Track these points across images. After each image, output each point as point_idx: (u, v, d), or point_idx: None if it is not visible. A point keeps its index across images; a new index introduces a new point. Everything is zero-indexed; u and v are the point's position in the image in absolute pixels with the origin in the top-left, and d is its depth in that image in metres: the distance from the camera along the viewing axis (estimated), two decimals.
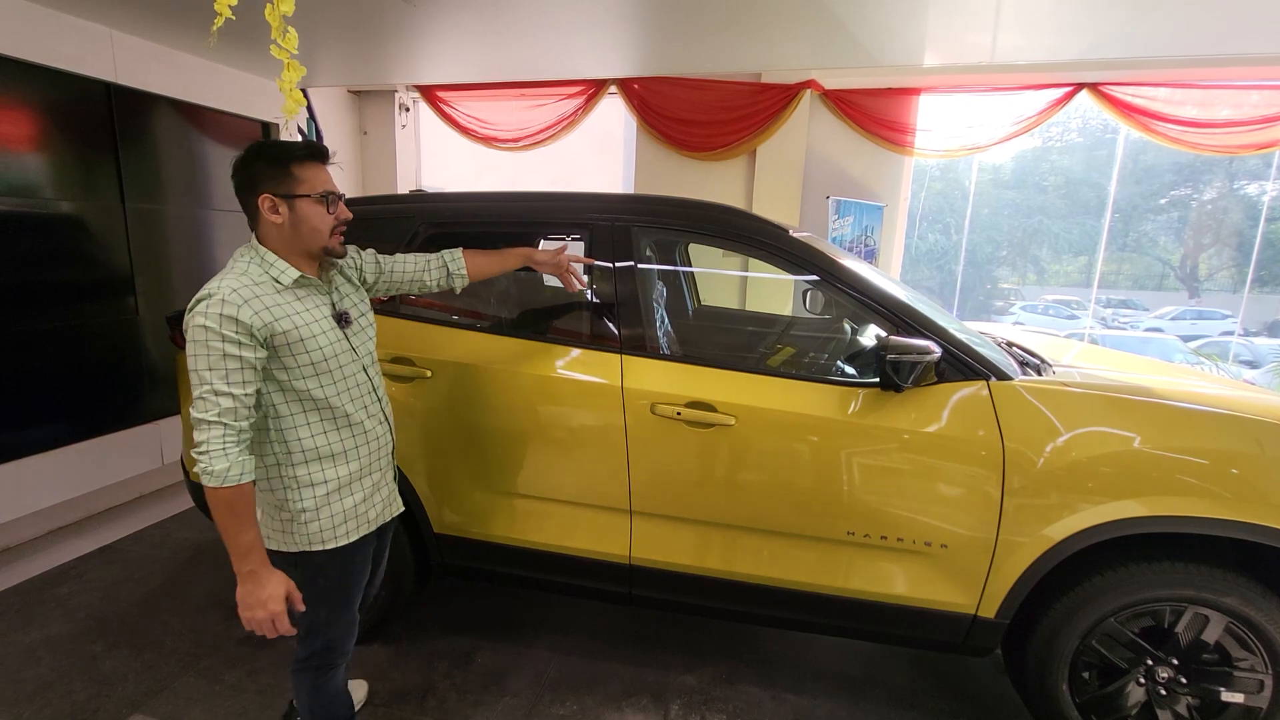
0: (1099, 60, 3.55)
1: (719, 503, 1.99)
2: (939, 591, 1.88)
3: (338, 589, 1.59)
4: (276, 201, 1.38)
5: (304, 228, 1.42)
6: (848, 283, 1.97)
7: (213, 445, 1.28)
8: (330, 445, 1.49)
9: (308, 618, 1.53)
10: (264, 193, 1.38)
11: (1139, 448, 1.73)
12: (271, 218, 1.39)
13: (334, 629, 1.61)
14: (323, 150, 1.46)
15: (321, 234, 1.45)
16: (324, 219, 1.45)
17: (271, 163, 1.39)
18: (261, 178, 1.38)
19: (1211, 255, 13.92)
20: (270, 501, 1.49)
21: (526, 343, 2.14)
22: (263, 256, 1.41)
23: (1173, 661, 1.80)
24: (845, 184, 4.67)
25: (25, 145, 2.99)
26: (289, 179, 1.39)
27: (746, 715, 2.12)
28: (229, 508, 1.31)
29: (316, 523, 1.49)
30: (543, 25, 3.19)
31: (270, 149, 1.42)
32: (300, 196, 1.40)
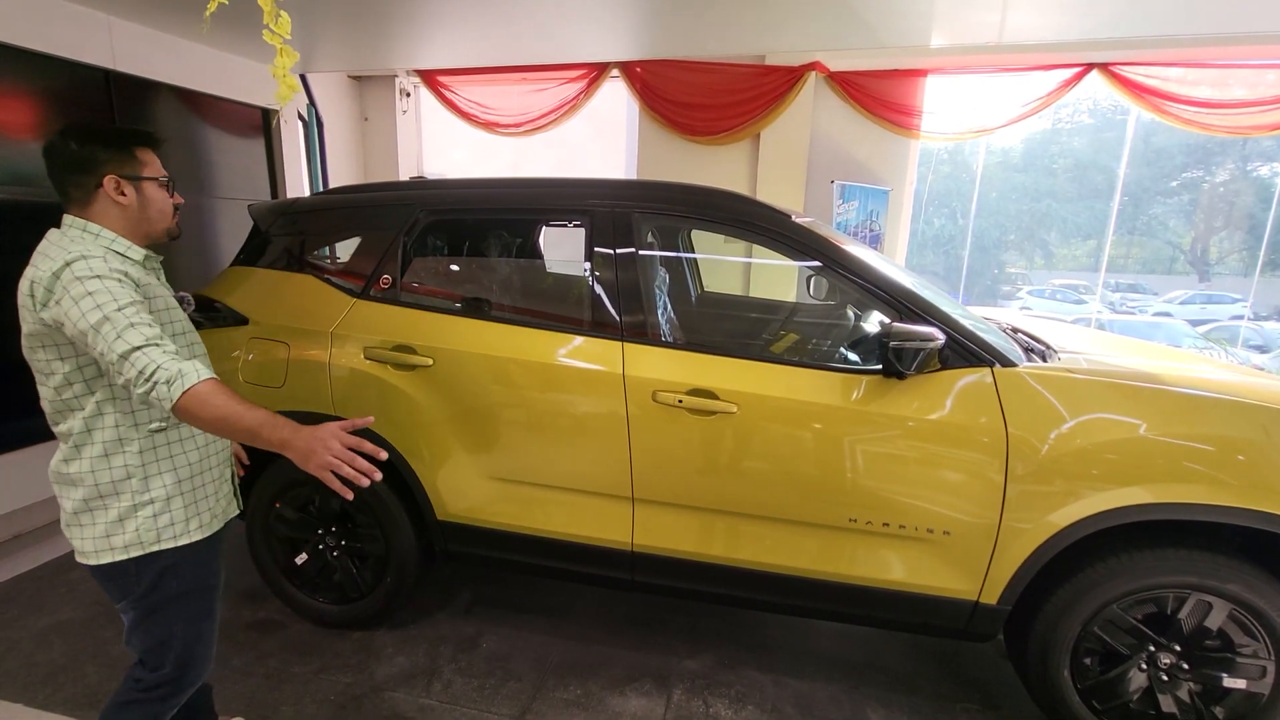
0: (1109, 40, 3.48)
1: (721, 490, 1.99)
2: (941, 578, 1.88)
3: (195, 594, 1.45)
4: (123, 183, 1.35)
5: (151, 210, 1.40)
6: (850, 269, 1.96)
7: (161, 359, 1.20)
8: (177, 430, 1.40)
9: (156, 634, 1.41)
10: (109, 173, 1.33)
11: (1144, 434, 1.72)
12: (118, 199, 1.34)
13: (190, 645, 1.46)
14: (156, 137, 1.44)
15: (167, 215, 1.44)
16: (167, 201, 1.44)
17: (112, 145, 1.34)
18: (102, 159, 1.33)
19: (1223, 238, 13.77)
20: (101, 500, 1.34)
21: (529, 330, 2.13)
22: (98, 234, 1.34)
23: (1175, 647, 1.80)
24: (850, 168, 4.62)
25: (25, 133, 2.98)
26: (133, 161, 1.37)
27: (749, 699, 2.14)
28: (222, 396, 1.21)
29: (167, 514, 1.38)
30: (545, 7, 3.15)
31: (108, 132, 1.38)
32: (147, 179, 1.38)
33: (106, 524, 1.33)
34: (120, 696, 1.46)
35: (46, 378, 1.32)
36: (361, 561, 2.36)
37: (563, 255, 2.90)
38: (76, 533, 1.36)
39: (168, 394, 1.17)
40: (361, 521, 2.32)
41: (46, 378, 1.32)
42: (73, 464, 1.33)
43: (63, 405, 1.33)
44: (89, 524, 1.34)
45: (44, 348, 1.30)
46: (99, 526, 1.34)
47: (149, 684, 1.44)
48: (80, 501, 1.33)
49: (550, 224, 2.30)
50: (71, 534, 1.38)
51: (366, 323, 2.22)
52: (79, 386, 1.31)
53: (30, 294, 1.25)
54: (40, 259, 1.27)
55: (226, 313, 2.39)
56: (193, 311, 2.42)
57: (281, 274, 2.40)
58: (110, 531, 1.33)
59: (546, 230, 2.94)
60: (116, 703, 1.46)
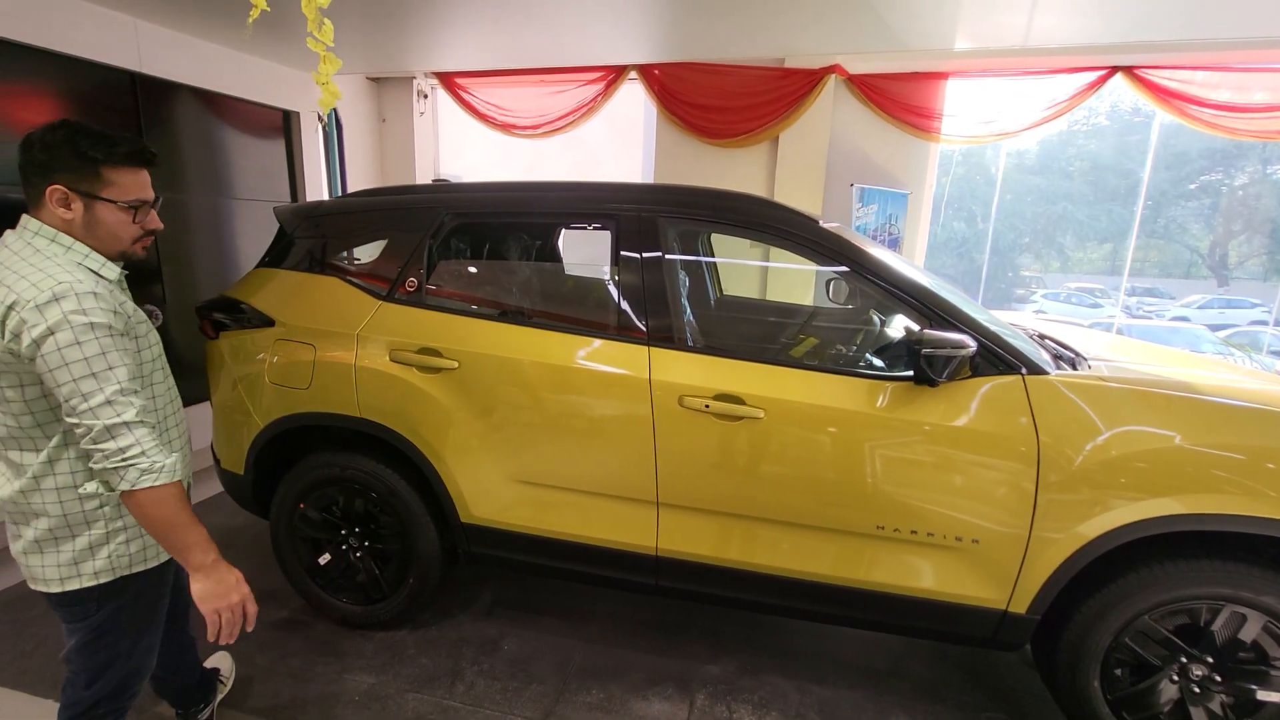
0: (1134, 43, 3.44)
1: (747, 495, 1.98)
2: (970, 586, 1.86)
3: (150, 612, 1.45)
4: (72, 197, 1.21)
5: (101, 230, 1.26)
6: (879, 274, 1.94)
7: (147, 443, 1.17)
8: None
9: (103, 655, 1.38)
10: (58, 182, 1.20)
11: (1179, 444, 1.70)
12: (59, 212, 1.22)
13: (139, 659, 1.46)
14: (147, 153, 1.30)
15: (121, 241, 1.30)
16: (127, 228, 1.29)
17: (79, 154, 1.20)
18: (59, 165, 1.20)
19: (1242, 242, 13.59)
20: (68, 529, 1.29)
21: (554, 334, 2.13)
22: (69, 248, 1.24)
23: (1207, 659, 1.78)
24: (869, 171, 4.59)
25: None
26: (95, 178, 1.23)
27: (772, 705, 2.13)
28: (180, 503, 1.21)
29: (140, 540, 1.36)
30: (564, 10, 3.16)
31: (84, 139, 1.21)
32: (104, 200, 1.24)
33: (74, 552, 1.29)
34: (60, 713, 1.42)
35: (3, 403, 1.22)
36: (384, 563, 2.37)
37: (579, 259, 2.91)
38: (36, 560, 1.30)
39: (135, 480, 1.15)
40: (385, 523, 2.33)
41: (3, 403, 1.22)
42: (33, 496, 1.26)
43: (21, 434, 1.24)
44: (52, 552, 1.29)
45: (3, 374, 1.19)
46: (64, 554, 1.29)
47: (88, 702, 1.40)
48: (45, 531, 1.28)
49: (576, 228, 2.30)
50: (30, 561, 1.31)
51: (392, 325, 2.23)
52: (42, 414, 1.23)
53: (2, 319, 1.14)
54: (13, 278, 1.15)
55: (252, 314, 2.41)
56: (213, 309, 2.45)
57: (307, 276, 2.41)
58: (79, 559, 1.30)
59: (568, 234, 2.95)
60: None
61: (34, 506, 1.27)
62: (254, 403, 2.35)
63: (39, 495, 1.26)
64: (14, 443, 1.25)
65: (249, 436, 2.36)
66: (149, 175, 1.32)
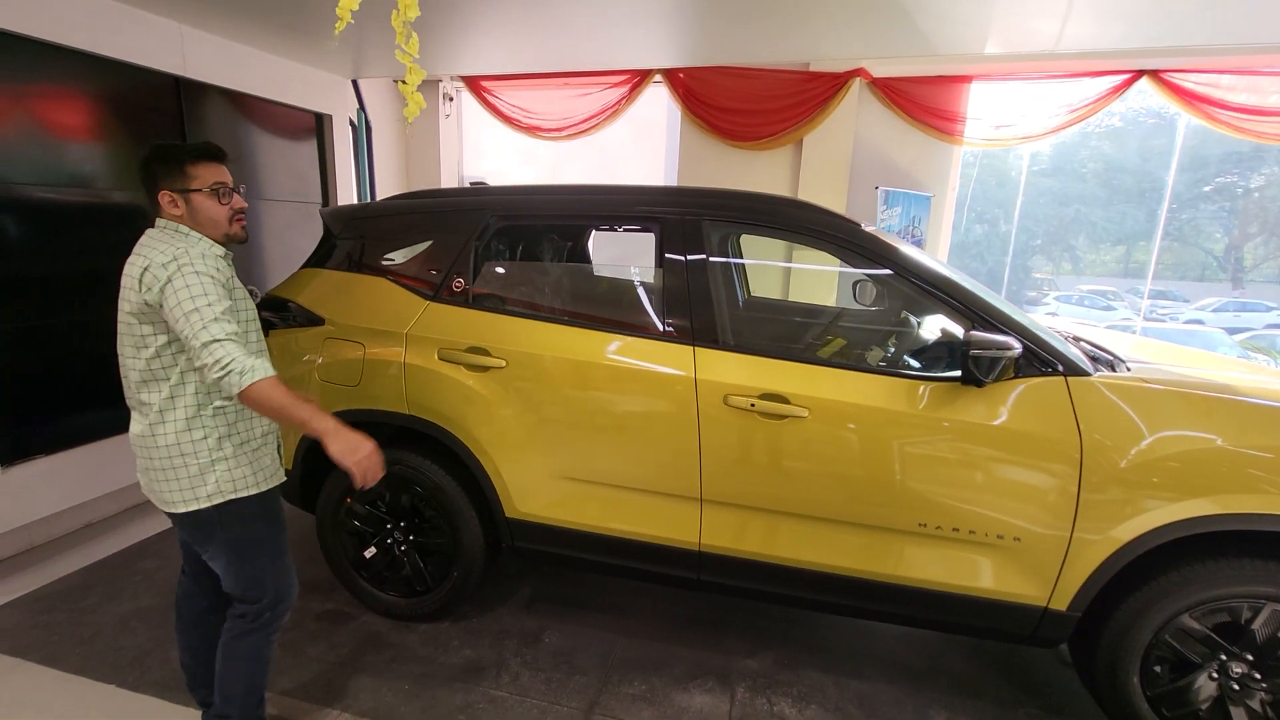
0: (1162, 47, 3.46)
1: (789, 493, 2.02)
2: (1011, 583, 1.90)
3: (268, 537, 1.69)
4: (174, 196, 1.55)
5: (201, 216, 1.57)
6: (923, 277, 1.98)
7: (237, 353, 1.41)
8: (238, 405, 1.62)
9: (247, 570, 1.65)
10: (163, 189, 1.54)
11: (1220, 446, 1.73)
12: (171, 210, 1.55)
13: (278, 577, 1.72)
14: (216, 151, 1.60)
15: (220, 222, 1.60)
16: (218, 209, 1.59)
17: (166, 162, 1.55)
18: (159, 175, 1.54)
19: (1258, 245, 13.51)
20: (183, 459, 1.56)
21: (599, 334, 2.18)
22: (187, 234, 1.56)
23: (1248, 657, 1.80)
24: (892, 173, 4.62)
25: (99, 137, 3.09)
26: (183, 176, 1.54)
27: (812, 699, 2.17)
28: (282, 391, 1.44)
29: (240, 469, 1.61)
30: (592, 15, 3.20)
31: (165, 150, 1.57)
32: (193, 191, 1.55)
33: (189, 478, 1.56)
34: (233, 633, 1.71)
35: (140, 350, 1.52)
36: (428, 556, 2.43)
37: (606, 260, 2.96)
38: (163, 487, 1.58)
39: (238, 382, 1.40)
40: (430, 517, 2.38)
41: (140, 350, 1.52)
42: (158, 429, 1.54)
43: (150, 375, 1.53)
44: (174, 479, 1.56)
45: (145, 323, 1.50)
46: (183, 481, 1.56)
47: (253, 615, 1.69)
48: (165, 460, 1.55)
49: (621, 230, 2.35)
50: (156, 488, 1.60)
51: (440, 324, 2.28)
52: (168, 358, 1.52)
53: (139, 278, 1.46)
54: (149, 250, 1.49)
55: (299, 313, 2.47)
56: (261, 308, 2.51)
57: (354, 276, 2.47)
58: (194, 484, 1.56)
59: (601, 236, 3.00)
60: (232, 639, 1.71)
61: (157, 439, 1.55)
62: None
63: (163, 428, 1.54)
64: (145, 386, 1.55)
65: (298, 433, 2.42)
66: (224, 167, 1.61)
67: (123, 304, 1.53)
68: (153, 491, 1.63)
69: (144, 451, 1.60)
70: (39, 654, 2.25)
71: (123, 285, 1.52)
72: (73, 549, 2.97)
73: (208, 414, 1.57)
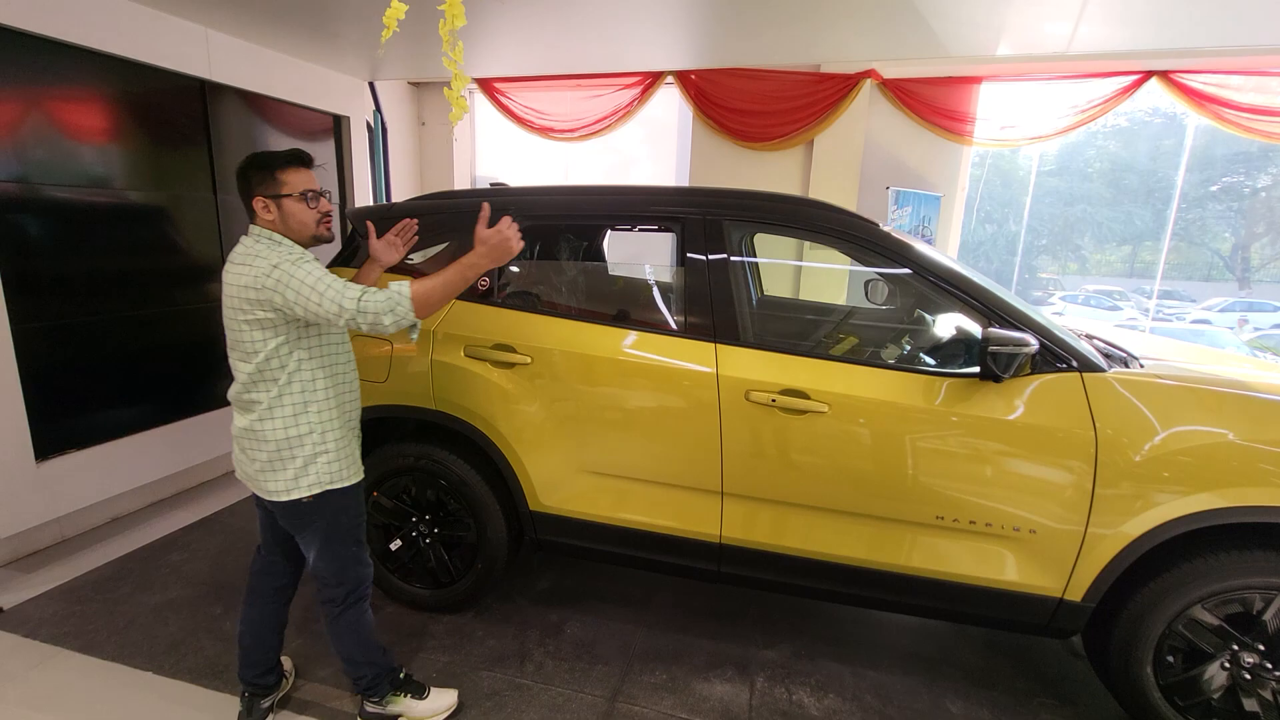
0: (1173, 48, 3.50)
1: (809, 486, 2.07)
2: (1027, 575, 1.94)
3: (356, 525, 1.84)
4: (267, 202, 1.66)
5: (292, 221, 1.69)
6: (942, 276, 2.03)
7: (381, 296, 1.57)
8: (340, 400, 1.77)
9: (337, 556, 1.80)
10: (257, 195, 1.66)
11: (1231, 441, 1.77)
12: (265, 216, 1.67)
13: (361, 561, 1.87)
14: (305, 157, 1.72)
15: (308, 226, 1.71)
16: (307, 213, 1.70)
17: (260, 169, 1.66)
18: (254, 182, 1.66)
19: (1265, 245, 13.49)
20: (290, 451, 1.68)
21: (622, 331, 2.23)
22: (280, 241, 1.67)
23: (1259, 647, 1.84)
24: (902, 174, 4.67)
25: (128, 139, 3.16)
26: (274, 182, 1.66)
27: (829, 688, 2.22)
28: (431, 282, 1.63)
29: (338, 462, 1.74)
30: (607, 19, 3.25)
31: (259, 158, 1.69)
32: (285, 197, 1.67)
33: (295, 469, 1.69)
34: (330, 617, 1.86)
35: (252, 355, 1.63)
36: (453, 549, 2.48)
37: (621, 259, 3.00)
38: (269, 478, 1.70)
39: (406, 309, 1.59)
40: (454, 510, 2.43)
41: (252, 355, 1.63)
42: (266, 424, 1.67)
43: (260, 377, 1.65)
44: (280, 470, 1.69)
45: (256, 329, 1.61)
46: (289, 472, 1.69)
47: (339, 596, 1.84)
48: (274, 453, 1.68)
49: (637, 230, 2.40)
50: (264, 479, 1.71)
51: (466, 322, 2.34)
52: (278, 360, 1.64)
53: (250, 285, 1.57)
54: (250, 260, 1.61)
55: None
56: None
57: (381, 275, 2.52)
58: (298, 475, 1.69)
59: (619, 235, 3.05)
60: (332, 621, 1.86)
61: (265, 434, 1.67)
62: None
63: (271, 423, 1.66)
64: (254, 386, 1.66)
65: None
66: (312, 173, 1.72)
67: (234, 314, 1.63)
68: (253, 480, 1.76)
69: (250, 444, 1.71)
70: (77, 642, 2.31)
71: (227, 295, 1.63)
72: (102, 542, 3.03)
73: (312, 410, 1.70)
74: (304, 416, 1.68)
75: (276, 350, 1.63)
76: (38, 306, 2.81)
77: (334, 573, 1.82)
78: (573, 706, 2.09)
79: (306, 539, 1.79)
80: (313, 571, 1.84)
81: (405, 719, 1.98)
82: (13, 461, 2.71)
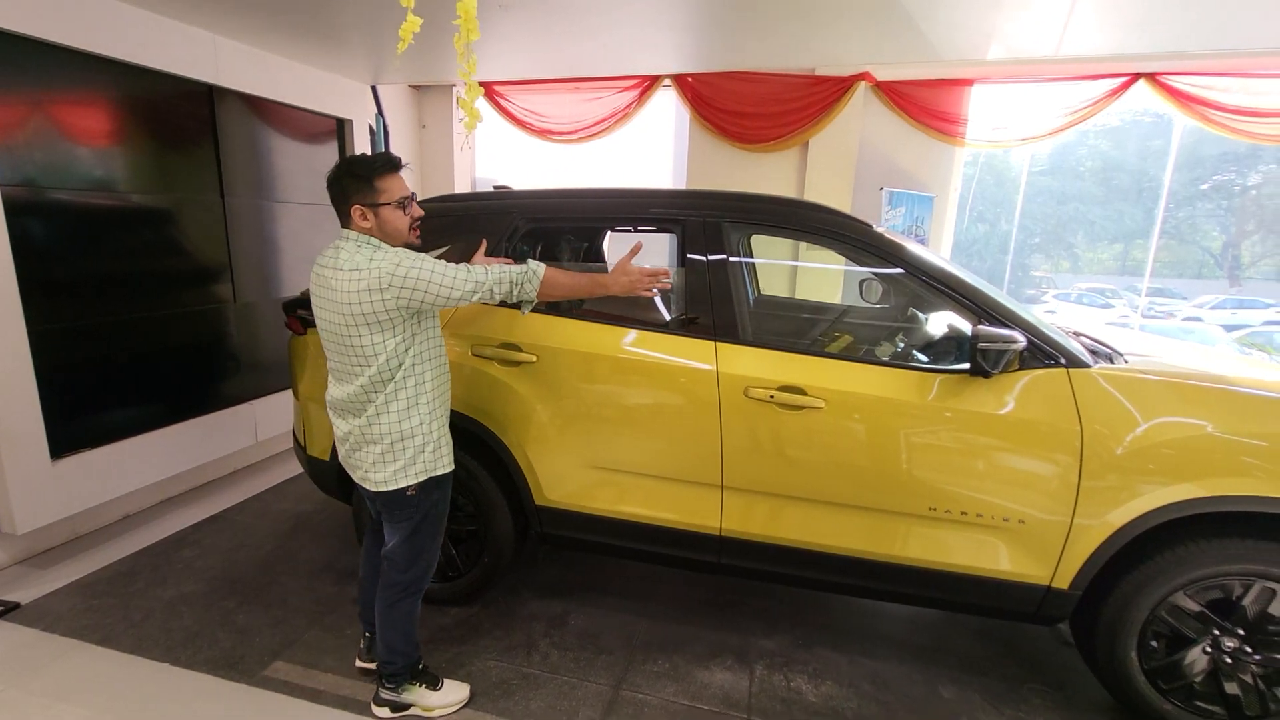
0: (1161, 51, 3.58)
1: (806, 479, 2.14)
2: (1016, 564, 2.02)
3: (443, 515, 1.95)
4: (365, 210, 1.69)
5: (388, 228, 1.73)
6: (934, 276, 2.10)
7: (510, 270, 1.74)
8: (442, 393, 1.87)
9: (416, 545, 1.90)
10: (354, 204, 1.68)
11: (1210, 433, 1.85)
12: (361, 224, 1.71)
13: (434, 552, 1.98)
14: (397, 161, 1.75)
15: (402, 233, 1.76)
16: (402, 220, 1.75)
17: (357, 178, 1.69)
18: (351, 190, 1.68)
19: (1255, 242, 13.63)
20: (402, 444, 1.78)
21: (626, 330, 2.30)
22: (379, 245, 1.72)
23: (1239, 632, 1.92)
24: (895, 174, 4.75)
25: (138, 143, 3.21)
26: (372, 191, 1.69)
27: (826, 676, 2.30)
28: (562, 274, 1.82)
29: (439, 450, 1.85)
30: (604, 24, 3.31)
31: (355, 165, 1.72)
32: (382, 205, 1.70)
33: (405, 460, 1.80)
34: (388, 600, 1.95)
35: (372, 359, 1.70)
36: (459, 543, 2.55)
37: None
38: (380, 470, 1.80)
39: (535, 284, 1.76)
40: (461, 504, 2.50)
41: (372, 359, 1.70)
42: (382, 418, 1.76)
43: (377, 379, 1.72)
44: (390, 463, 1.79)
45: (374, 333, 1.67)
46: (398, 464, 1.79)
47: (406, 583, 1.93)
48: (387, 447, 1.78)
49: (637, 231, 2.47)
50: (375, 471, 1.81)
51: (472, 321, 2.40)
52: (396, 360, 1.71)
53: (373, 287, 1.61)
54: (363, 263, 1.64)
55: None
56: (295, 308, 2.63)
57: None
58: (407, 466, 1.80)
59: (617, 237, 3.11)
60: (388, 606, 1.95)
61: (378, 433, 1.77)
62: None
63: (382, 422, 1.75)
64: (370, 391, 1.74)
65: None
66: (404, 179, 1.76)
67: (348, 319, 1.65)
68: (358, 469, 1.86)
69: (361, 440, 1.80)
70: (95, 636, 2.37)
71: (338, 302, 1.65)
72: (116, 538, 3.09)
73: (422, 404, 1.79)
74: (415, 410, 1.77)
75: (396, 350, 1.70)
76: (53, 309, 2.87)
77: (410, 559, 1.91)
78: (578, 694, 2.16)
79: (398, 523, 1.89)
80: (388, 553, 1.93)
81: (418, 708, 2.04)
82: (30, 460, 2.77)
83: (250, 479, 3.82)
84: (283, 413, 4.10)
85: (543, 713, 2.07)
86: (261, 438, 3.96)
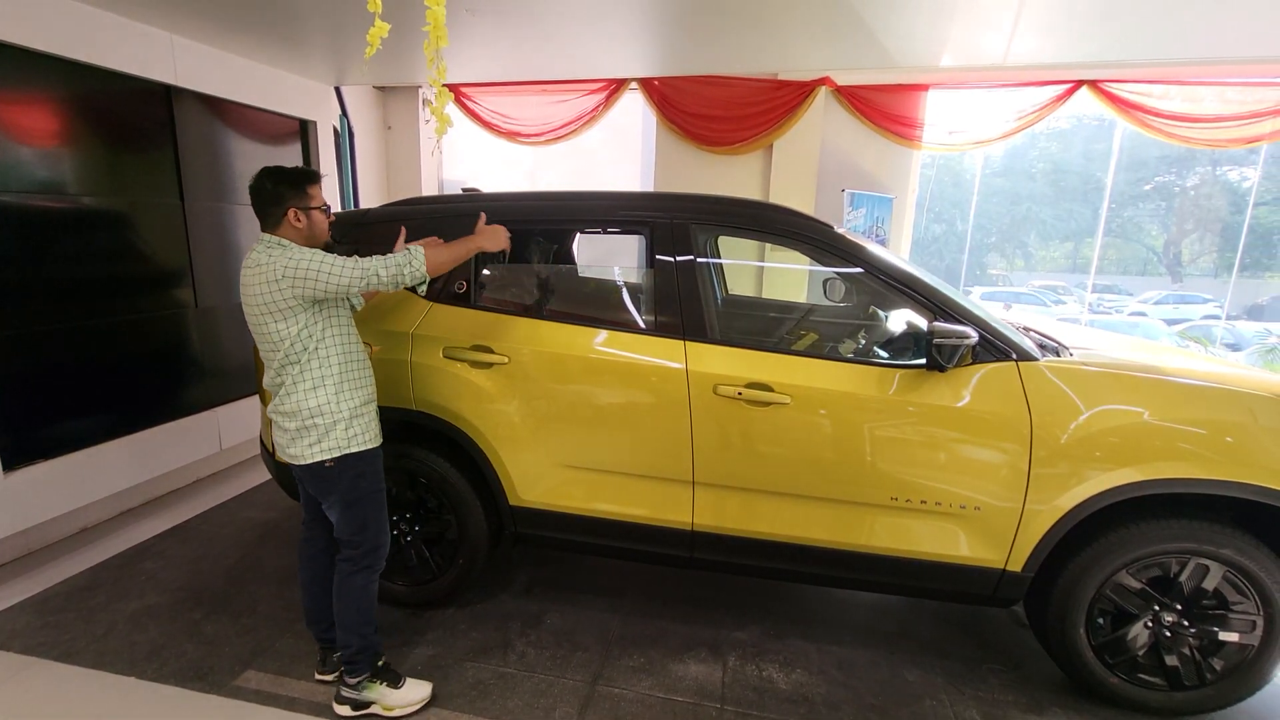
0: (1102, 61, 3.77)
1: (774, 473, 2.21)
2: (973, 549, 2.12)
3: (376, 491, 2.03)
4: (299, 213, 1.89)
5: (317, 229, 1.95)
6: (891, 274, 2.19)
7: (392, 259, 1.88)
8: (350, 374, 1.97)
9: (359, 515, 1.99)
10: (291, 207, 1.88)
11: (1147, 420, 1.97)
12: (295, 224, 1.90)
13: (379, 527, 2.05)
14: (319, 173, 2.00)
15: (325, 233, 2.00)
16: (324, 221, 1.99)
17: (294, 185, 1.89)
18: (288, 196, 1.87)
19: (1194, 241, 14.35)
20: (311, 420, 1.90)
21: (596, 331, 2.34)
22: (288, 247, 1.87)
23: (1177, 607, 2.05)
24: (857, 176, 4.88)
25: (93, 146, 3.12)
26: (305, 196, 1.90)
27: (796, 664, 2.37)
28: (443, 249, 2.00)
29: (353, 428, 1.95)
30: (572, 28, 3.35)
31: (291, 175, 1.91)
32: (314, 209, 1.93)
33: (317, 434, 1.91)
34: (343, 574, 2.03)
35: (279, 344, 1.86)
36: (433, 545, 2.55)
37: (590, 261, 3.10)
38: (296, 444, 1.93)
39: (420, 263, 1.91)
40: (434, 507, 2.50)
41: (279, 344, 1.86)
42: (287, 401, 1.91)
43: (286, 361, 1.88)
44: (303, 437, 1.91)
45: (278, 321, 1.83)
46: (311, 438, 1.91)
47: (358, 558, 2.02)
48: (300, 424, 1.91)
49: (606, 233, 2.51)
50: (292, 447, 1.94)
51: (444, 324, 2.41)
52: (300, 344, 1.86)
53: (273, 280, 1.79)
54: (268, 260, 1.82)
55: None
56: None
57: None
58: (320, 439, 1.91)
59: (588, 239, 3.15)
60: (343, 580, 2.03)
61: (289, 410, 1.91)
62: None
63: (292, 399, 1.90)
64: (285, 368, 1.89)
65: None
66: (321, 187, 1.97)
67: (258, 311, 1.83)
68: (284, 451, 1.97)
69: (280, 419, 1.94)
70: (55, 651, 2.31)
71: (250, 296, 1.84)
72: (72, 552, 3.00)
73: (329, 384, 1.91)
74: (321, 389, 1.90)
75: (299, 335, 1.86)
76: (1, 315, 2.77)
77: (353, 532, 2.00)
78: (555, 691, 2.19)
79: (331, 503, 1.99)
80: (336, 534, 2.03)
81: (379, 706, 2.05)
82: None
83: (215, 487, 3.74)
84: (248, 419, 4.02)
85: (520, 711, 2.09)
86: (226, 445, 3.88)
